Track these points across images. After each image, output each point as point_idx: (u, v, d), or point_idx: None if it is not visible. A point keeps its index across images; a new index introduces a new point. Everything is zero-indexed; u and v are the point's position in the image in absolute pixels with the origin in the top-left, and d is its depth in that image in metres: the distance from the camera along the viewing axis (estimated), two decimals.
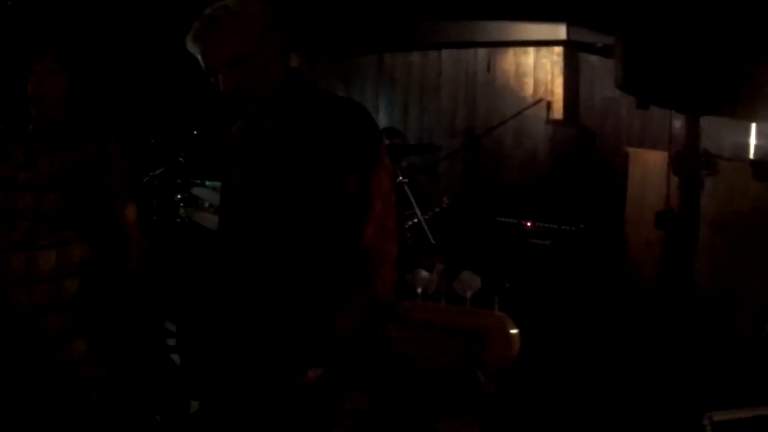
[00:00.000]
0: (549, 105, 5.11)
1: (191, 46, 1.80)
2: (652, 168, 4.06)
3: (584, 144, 4.79)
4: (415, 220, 3.46)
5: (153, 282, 2.42)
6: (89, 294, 2.25)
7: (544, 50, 5.19)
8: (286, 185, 1.81)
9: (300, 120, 1.82)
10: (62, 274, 2.19)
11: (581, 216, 4.44)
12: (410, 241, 3.61)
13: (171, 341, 3.73)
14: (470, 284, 1.22)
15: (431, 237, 3.41)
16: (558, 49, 5.16)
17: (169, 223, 3.94)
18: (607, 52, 4.96)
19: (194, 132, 4.33)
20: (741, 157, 3.68)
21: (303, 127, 1.81)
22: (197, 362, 2.13)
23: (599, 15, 4.58)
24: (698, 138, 2.94)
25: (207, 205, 4.28)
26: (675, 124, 3.51)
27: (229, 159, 2.05)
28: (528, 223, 4.43)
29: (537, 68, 5.23)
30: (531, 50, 5.24)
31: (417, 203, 3.80)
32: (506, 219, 4.49)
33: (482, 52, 5.39)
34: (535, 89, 5.23)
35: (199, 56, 1.79)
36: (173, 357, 3.44)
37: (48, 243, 2.17)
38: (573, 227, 4.36)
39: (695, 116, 2.95)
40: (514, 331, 1.15)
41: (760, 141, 3.76)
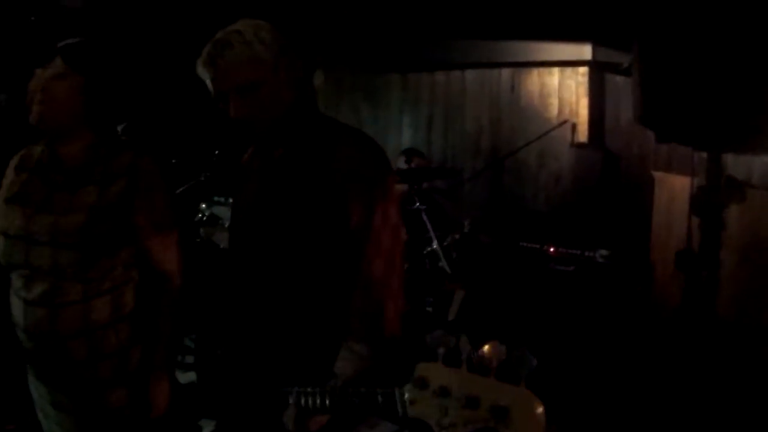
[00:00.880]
0: (574, 127, 5.07)
1: (201, 71, 1.81)
2: (679, 193, 4.00)
3: (609, 169, 4.74)
4: (434, 246, 3.45)
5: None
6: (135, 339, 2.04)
7: (569, 71, 5.16)
8: (295, 216, 1.81)
9: (310, 150, 1.82)
10: (92, 329, 1.95)
11: (606, 241, 4.39)
12: (428, 267, 3.60)
13: (189, 359, 3.77)
14: (496, 354, 1.16)
15: (447, 266, 3.39)
16: (583, 70, 5.12)
17: (189, 243, 3.97)
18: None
19: (216, 151, 4.36)
20: None
21: (313, 158, 1.81)
22: (212, 381, 2.13)
23: (625, 35, 4.55)
24: (720, 175, 2.89)
25: (227, 225, 4.31)
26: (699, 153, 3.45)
27: (240, 187, 2.07)
28: (551, 249, 4.39)
29: (562, 89, 5.20)
30: (556, 70, 5.21)
31: (438, 226, 3.79)
32: (529, 244, 4.45)
33: (506, 72, 5.38)
34: (560, 110, 5.20)
35: (209, 81, 1.80)
36: (191, 374, 3.48)
37: (72, 299, 1.92)
38: (597, 253, 4.31)
39: (716, 152, 2.90)
40: (541, 410, 1.10)
41: None
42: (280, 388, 1.62)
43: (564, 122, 5.03)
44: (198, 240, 3.99)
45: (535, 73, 5.29)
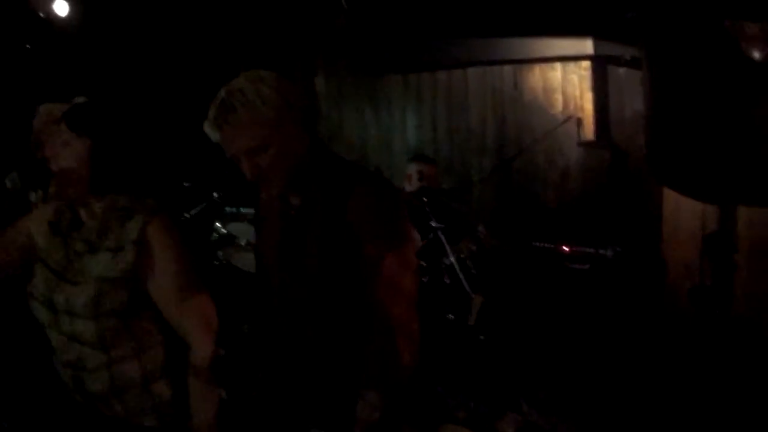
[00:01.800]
0: (579, 121, 5.13)
1: (209, 132, 1.83)
2: None
3: (617, 165, 4.81)
4: (452, 260, 3.54)
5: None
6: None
7: (572, 65, 5.22)
8: (317, 265, 1.86)
9: (328, 198, 1.86)
10: (124, 390, 1.92)
11: (618, 238, 4.48)
12: (447, 281, 3.68)
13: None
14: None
15: (465, 280, 3.48)
16: (585, 64, 5.18)
17: (207, 267, 4.03)
18: (635, 64, 4.98)
19: (226, 171, 4.41)
20: None
21: (331, 207, 1.85)
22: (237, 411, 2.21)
23: (625, 27, 4.60)
24: (733, 226, 2.93)
25: (244, 243, 4.37)
26: None
27: (260, 231, 2.13)
28: (565, 248, 4.47)
29: (565, 83, 5.26)
30: (558, 66, 5.27)
31: (452, 234, 3.86)
32: (542, 244, 4.53)
33: (508, 69, 5.43)
34: (565, 105, 5.26)
35: (219, 142, 1.82)
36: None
37: (97, 365, 1.89)
38: (610, 251, 4.40)
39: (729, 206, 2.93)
40: None
41: None
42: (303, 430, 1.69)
43: (569, 118, 5.09)
44: (217, 263, 4.04)
45: (537, 69, 5.34)
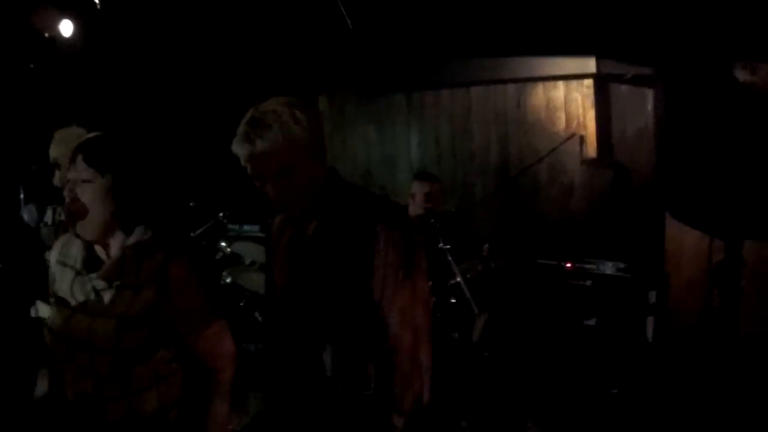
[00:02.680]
0: (582, 139, 5.21)
1: (238, 149, 1.84)
2: None
3: (620, 183, 4.88)
4: (458, 279, 3.60)
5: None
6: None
7: (575, 83, 5.30)
8: (328, 291, 1.89)
9: (343, 226, 1.89)
10: (140, 419, 1.90)
11: (621, 254, 4.54)
12: (453, 300, 3.74)
13: None
14: None
15: (472, 300, 3.54)
16: (588, 82, 5.26)
17: (214, 287, 4.09)
18: (638, 82, 5.07)
19: (231, 190, 4.49)
20: None
21: (343, 235, 1.88)
22: None
23: (628, 46, 4.69)
24: (740, 253, 2.98)
25: (248, 262, 4.44)
26: None
27: (271, 256, 2.15)
28: (568, 264, 4.54)
29: (568, 102, 5.33)
30: (561, 84, 5.35)
31: (459, 254, 3.93)
32: (546, 261, 4.60)
33: (511, 88, 5.52)
34: (568, 123, 5.33)
35: (245, 161, 1.84)
36: None
37: (116, 396, 1.88)
38: (614, 267, 4.46)
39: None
40: None
41: None
42: None
43: (572, 136, 5.18)
44: (223, 284, 4.11)
45: (541, 88, 5.42)
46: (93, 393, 1.88)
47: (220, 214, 4.53)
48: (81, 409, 1.92)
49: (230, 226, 5.02)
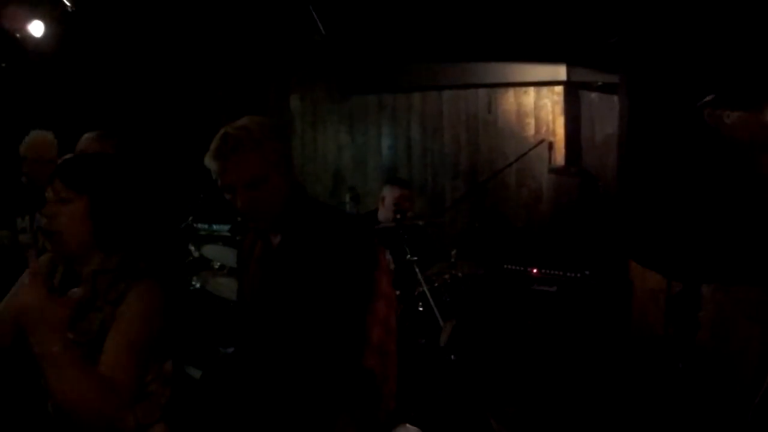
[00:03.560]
0: (551, 145, 5.31)
1: (210, 163, 1.99)
2: None
3: (587, 191, 4.98)
4: (425, 288, 3.68)
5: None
6: None
7: (545, 90, 5.40)
8: (292, 302, 2.03)
9: (305, 239, 2.04)
10: None
11: (586, 262, 4.65)
12: (421, 309, 3.83)
13: None
14: None
15: (437, 310, 3.64)
16: (558, 89, 5.37)
17: (182, 292, 4.11)
18: (608, 89, 5.17)
19: (201, 195, 4.49)
20: None
21: (307, 247, 2.03)
22: None
23: (599, 55, 4.78)
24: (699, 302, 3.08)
25: (218, 266, 4.46)
26: None
27: (243, 270, 2.29)
28: (534, 270, 4.65)
29: (538, 108, 5.43)
30: (531, 90, 5.45)
31: (426, 260, 4.01)
32: (512, 266, 4.71)
33: (483, 93, 5.61)
34: (537, 129, 5.43)
35: (217, 174, 1.99)
36: None
37: None
38: (578, 274, 4.58)
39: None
40: None
41: None
42: None
43: (541, 141, 5.28)
44: (191, 288, 4.13)
45: (511, 93, 5.51)
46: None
47: (190, 218, 4.54)
48: (61, 423, 1.92)
49: (199, 225, 5.03)
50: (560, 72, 5.19)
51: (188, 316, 2.00)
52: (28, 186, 3.68)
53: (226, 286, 4.10)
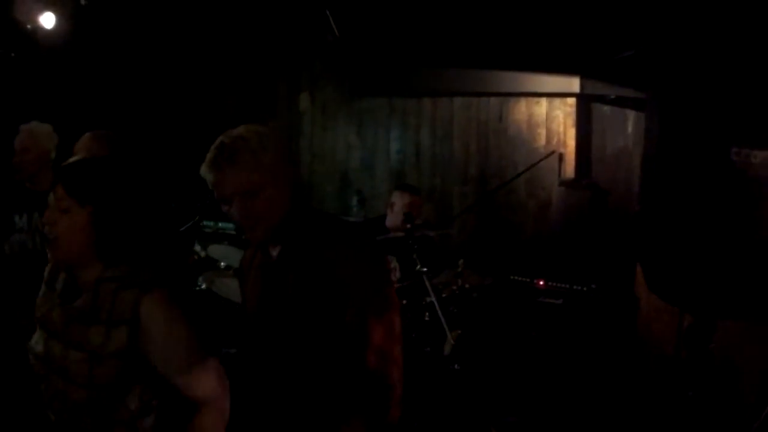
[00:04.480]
0: (561, 157, 5.33)
1: (206, 173, 1.93)
2: None
3: (597, 204, 5.00)
4: (433, 299, 3.69)
5: None
6: None
7: (557, 101, 5.42)
8: (293, 315, 2.01)
9: (305, 250, 2.01)
10: None
11: (593, 275, 4.67)
12: (427, 319, 3.84)
13: None
14: None
15: (444, 322, 3.66)
16: (571, 101, 5.39)
17: (188, 293, 4.11)
18: (620, 103, 5.19)
19: (208, 195, 4.49)
20: None
21: (307, 258, 1.99)
22: None
23: (613, 68, 4.79)
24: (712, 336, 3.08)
25: (223, 266, 4.47)
26: None
27: (243, 282, 2.26)
28: (541, 282, 4.67)
29: (549, 119, 5.45)
30: (543, 101, 5.47)
31: (434, 269, 4.03)
32: (519, 278, 4.73)
33: (495, 101, 5.63)
34: (548, 140, 5.45)
35: (212, 184, 1.93)
36: None
37: (92, 424, 1.88)
38: (584, 287, 4.60)
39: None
40: None
41: None
42: None
43: (552, 153, 5.29)
44: (197, 289, 4.14)
45: (523, 103, 5.53)
46: (67, 418, 1.90)
47: (197, 217, 4.55)
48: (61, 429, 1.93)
49: (205, 223, 5.03)
50: (573, 84, 5.21)
51: (195, 317, 1.98)
52: (19, 179, 3.60)
53: (232, 288, 4.10)
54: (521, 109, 5.55)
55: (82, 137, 3.65)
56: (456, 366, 4.02)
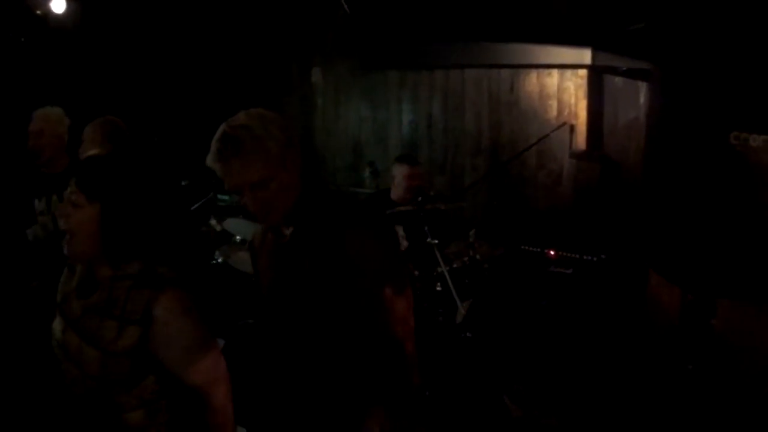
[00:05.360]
0: (572, 129, 5.36)
1: (212, 164, 1.94)
2: None
3: (608, 176, 5.05)
4: (444, 270, 3.80)
5: None
6: None
7: (569, 73, 5.44)
8: (309, 296, 2.06)
9: (318, 228, 2.05)
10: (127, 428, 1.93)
11: (603, 245, 4.74)
12: (439, 289, 3.95)
13: None
14: None
15: (455, 294, 3.76)
16: (582, 72, 5.40)
17: (205, 267, 4.23)
18: (632, 75, 5.19)
19: None
20: None
21: (321, 237, 2.03)
22: None
23: (625, 40, 4.80)
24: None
25: (239, 240, 4.58)
26: None
27: (256, 264, 2.31)
28: (551, 252, 4.75)
29: (561, 90, 5.48)
30: (555, 72, 5.49)
31: (445, 239, 4.12)
32: (530, 247, 4.81)
33: (506, 73, 5.66)
34: (559, 111, 5.48)
35: (221, 176, 1.95)
36: None
37: (102, 412, 1.92)
38: (594, 257, 4.67)
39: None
40: None
41: None
42: None
43: (563, 124, 5.33)
44: (214, 262, 4.25)
45: (535, 75, 5.56)
46: (84, 397, 1.95)
47: (211, 193, 4.66)
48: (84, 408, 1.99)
49: (220, 197, 5.13)
50: (585, 56, 5.19)
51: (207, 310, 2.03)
52: (37, 164, 3.70)
53: (248, 261, 4.19)
54: (532, 81, 5.58)
55: (90, 123, 3.76)
56: (468, 334, 4.13)
